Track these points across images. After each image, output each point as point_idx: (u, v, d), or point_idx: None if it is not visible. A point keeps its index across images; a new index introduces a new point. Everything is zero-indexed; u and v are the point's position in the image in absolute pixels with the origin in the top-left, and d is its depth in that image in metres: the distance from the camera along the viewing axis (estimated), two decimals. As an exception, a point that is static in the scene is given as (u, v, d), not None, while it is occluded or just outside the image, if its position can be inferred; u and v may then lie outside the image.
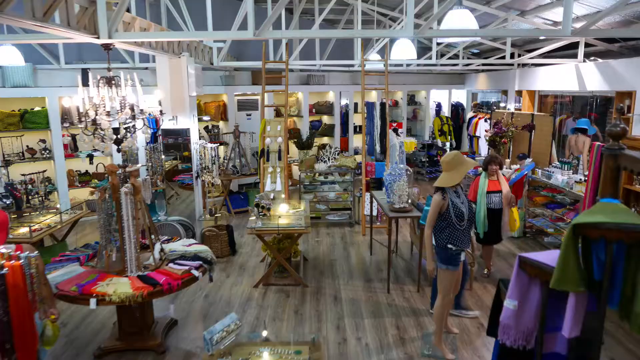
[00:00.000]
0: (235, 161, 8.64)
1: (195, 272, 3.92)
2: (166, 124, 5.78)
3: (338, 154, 7.86)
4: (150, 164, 6.07)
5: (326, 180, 7.87)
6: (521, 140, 8.25)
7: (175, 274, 3.85)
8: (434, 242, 3.81)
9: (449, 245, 3.69)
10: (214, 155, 6.03)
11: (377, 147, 7.50)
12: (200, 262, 4.09)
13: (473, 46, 10.72)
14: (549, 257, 2.15)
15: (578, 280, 1.94)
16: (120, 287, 3.61)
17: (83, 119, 3.65)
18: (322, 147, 10.46)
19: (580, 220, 1.95)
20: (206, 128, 9.66)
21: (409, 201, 5.31)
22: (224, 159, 8.85)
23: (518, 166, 7.30)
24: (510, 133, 8.13)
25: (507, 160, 8.06)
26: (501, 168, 5.59)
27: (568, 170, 6.42)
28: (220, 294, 5.25)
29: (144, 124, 4.23)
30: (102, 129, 3.83)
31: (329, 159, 7.80)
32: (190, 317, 4.74)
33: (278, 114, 10.45)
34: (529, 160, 7.32)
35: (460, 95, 12.83)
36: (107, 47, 3.92)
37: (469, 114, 11.62)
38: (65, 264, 4.04)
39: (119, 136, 3.94)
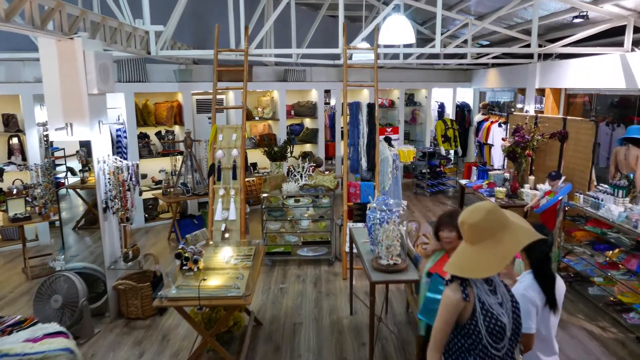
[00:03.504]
0: (186, 177, 6.89)
1: (7, 417, 2.17)
2: (53, 135, 4.02)
3: (313, 171, 6.08)
4: (38, 190, 4.32)
5: (298, 204, 6.08)
6: (548, 152, 6.48)
7: (-35, 423, 2.09)
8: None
9: (475, 391, 1.87)
10: (129, 177, 4.25)
11: (363, 163, 5.74)
12: (31, 388, 2.34)
13: (482, 36, 8.99)
14: None
15: None
16: None
17: None
18: (304, 156, 8.72)
19: None
20: (158, 134, 7.90)
21: (404, 251, 3.56)
22: (172, 174, 7.08)
23: (549, 188, 5.55)
24: (534, 143, 6.37)
25: (531, 178, 6.30)
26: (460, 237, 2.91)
27: (623, 198, 4.66)
28: (118, 393, 3.50)
29: None
30: None
31: (301, 177, 6.04)
32: None
33: (250, 116, 8.71)
34: (563, 180, 5.56)
35: (465, 95, 11.04)
36: None
37: (477, 117, 9.85)
38: None
39: None
